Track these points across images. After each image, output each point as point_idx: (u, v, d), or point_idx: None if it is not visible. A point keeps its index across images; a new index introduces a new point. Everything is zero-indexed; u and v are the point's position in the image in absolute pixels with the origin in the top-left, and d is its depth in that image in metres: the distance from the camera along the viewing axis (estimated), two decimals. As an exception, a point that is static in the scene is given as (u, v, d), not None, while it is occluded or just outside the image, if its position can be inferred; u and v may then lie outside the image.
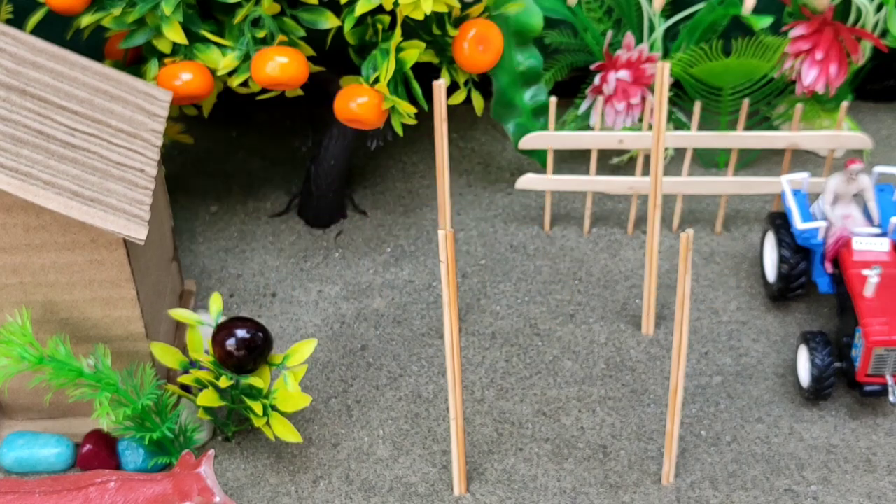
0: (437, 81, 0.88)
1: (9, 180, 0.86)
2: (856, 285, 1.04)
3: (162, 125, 0.99)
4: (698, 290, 1.20)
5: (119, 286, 0.95)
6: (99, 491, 0.91)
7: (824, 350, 1.04)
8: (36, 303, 0.96)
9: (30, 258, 0.93)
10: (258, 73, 1.06)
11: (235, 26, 1.09)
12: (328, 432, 1.06)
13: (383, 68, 1.08)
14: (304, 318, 1.17)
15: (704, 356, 1.13)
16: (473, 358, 1.13)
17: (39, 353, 0.92)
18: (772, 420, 1.07)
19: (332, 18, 1.09)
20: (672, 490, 1.00)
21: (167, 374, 1.06)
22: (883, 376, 1.02)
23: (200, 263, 1.23)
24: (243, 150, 1.38)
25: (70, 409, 1.03)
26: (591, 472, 1.02)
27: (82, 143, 0.92)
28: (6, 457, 1.01)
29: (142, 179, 0.94)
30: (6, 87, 0.91)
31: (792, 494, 1.00)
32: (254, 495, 1.00)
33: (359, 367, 1.12)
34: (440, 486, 1.01)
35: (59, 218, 0.90)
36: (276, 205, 1.31)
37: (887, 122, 1.42)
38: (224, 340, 0.98)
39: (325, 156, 1.23)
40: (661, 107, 0.99)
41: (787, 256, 1.13)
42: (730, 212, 1.29)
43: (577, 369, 1.12)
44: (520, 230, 1.27)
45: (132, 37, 1.09)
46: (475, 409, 1.08)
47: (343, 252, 1.25)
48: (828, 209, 1.10)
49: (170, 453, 1.00)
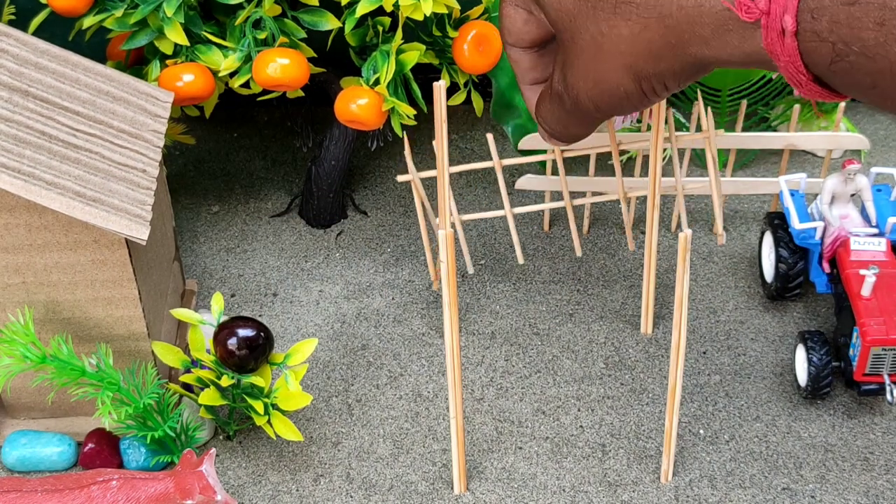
0: (438, 83, 0.89)
1: (12, 181, 0.87)
2: (853, 285, 1.05)
3: (164, 126, 0.99)
4: (696, 290, 1.20)
5: (121, 286, 0.96)
6: (101, 489, 0.91)
7: (822, 349, 1.05)
8: (38, 302, 0.96)
9: (32, 258, 0.93)
10: (259, 75, 1.07)
11: (237, 28, 1.10)
12: (329, 431, 1.06)
13: (383, 70, 1.08)
14: (304, 317, 1.18)
15: (703, 355, 1.13)
16: (473, 357, 1.13)
17: (42, 352, 0.92)
18: (770, 419, 1.07)
19: (333, 20, 1.10)
20: (671, 488, 1.01)
21: (169, 373, 1.07)
22: (880, 375, 1.02)
23: (202, 263, 1.24)
24: (244, 151, 1.39)
25: (72, 408, 1.03)
26: (590, 470, 1.03)
27: (84, 143, 0.93)
28: (9, 455, 1.02)
29: (144, 180, 0.94)
30: (9, 88, 0.91)
31: (790, 493, 1.01)
32: (255, 493, 1.01)
33: (359, 366, 1.13)
34: (440, 485, 1.02)
35: (62, 218, 0.91)
36: (278, 205, 1.31)
37: (884, 123, 1.42)
38: (226, 340, 0.98)
39: (326, 156, 1.23)
40: (659, 108, 0.99)
41: (785, 256, 1.13)
42: (728, 212, 1.30)
43: (576, 368, 1.12)
44: (519, 230, 1.27)
45: (134, 38, 1.10)
46: (475, 408, 1.08)
47: (344, 252, 1.26)
48: (825, 209, 1.11)
49: (171, 452, 1.01)
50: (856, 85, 0.66)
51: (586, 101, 0.80)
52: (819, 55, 0.66)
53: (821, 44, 0.65)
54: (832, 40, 0.64)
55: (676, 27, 0.72)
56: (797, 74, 0.68)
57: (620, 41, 0.75)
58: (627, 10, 0.74)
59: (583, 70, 0.79)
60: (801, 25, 0.65)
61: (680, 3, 0.71)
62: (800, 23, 0.65)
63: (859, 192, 1.12)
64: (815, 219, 1.13)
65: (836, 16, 0.64)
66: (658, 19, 0.73)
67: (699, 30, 0.71)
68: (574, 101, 0.81)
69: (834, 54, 0.65)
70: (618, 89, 0.78)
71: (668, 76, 0.76)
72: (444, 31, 1.14)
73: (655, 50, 0.74)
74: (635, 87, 0.77)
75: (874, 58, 0.63)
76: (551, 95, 0.84)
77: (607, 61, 0.77)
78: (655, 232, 1.08)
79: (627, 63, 0.76)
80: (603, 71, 0.78)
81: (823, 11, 0.64)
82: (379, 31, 1.11)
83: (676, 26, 0.72)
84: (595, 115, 0.83)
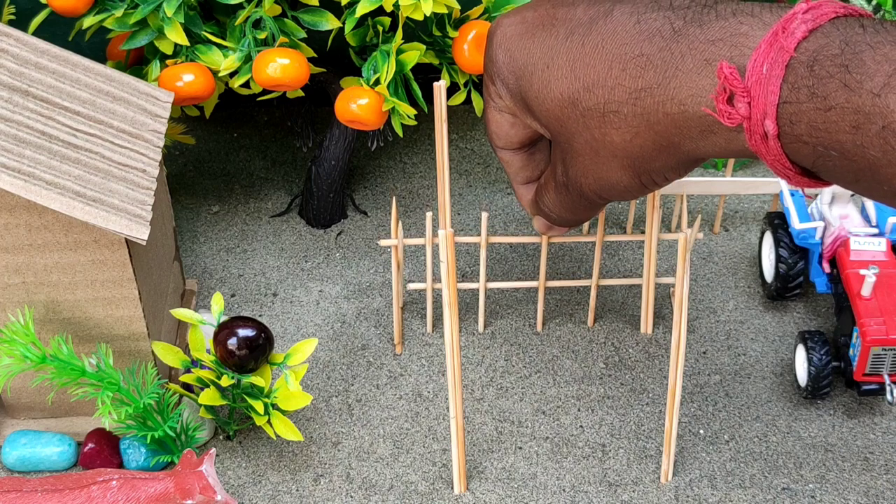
0: (438, 83, 0.89)
1: (12, 181, 0.87)
2: (853, 285, 1.05)
3: (164, 126, 0.99)
4: (696, 290, 1.20)
5: (121, 286, 0.96)
6: (101, 489, 0.91)
7: (822, 349, 1.05)
8: (39, 302, 0.96)
9: (32, 258, 0.93)
10: (259, 75, 1.07)
11: (237, 28, 1.10)
12: (329, 431, 1.06)
13: (384, 70, 1.08)
14: (304, 317, 1.18)
15: (703, 355, 1.13)
16: (473, 357, 1.13)
17: (42, 352, 0.92)
18: (770, 419, 1.07)
19: (333, 20, 1.10)
20: (671, 488, 1.01)
21: (169, 373, 1.07)
22: (880, 375, 1.02)
23: (202, 263, 1.24)
24: (244, 151, 1.39)
25: (72, 408, 1.03)
26: (590, 470, 1.03)
27: (84, 143, 0.93)
28: (9, 455, 1.02)
29: (144, 180, 0.94)
30: (9, 88, 0.91)
31: (790, 493, 1.01)
32: (255, 493, 1.01)
33: (359, 366, 1.13)
34: (440, 485, 1.02)
35: (62, 218, 0.91)
36: (278, 205, 1.31)
37: (885, 123, 1.42)
38: (226, 339, 0.98)
39: (326, 156, 1.23)
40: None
41: (785, 256, 1.13)
42: (728, 212, 1.30)
43: (576, 368, 1.12)
44: (519, 230, 1.28)
45: (134, 38, 1.10)
46: (475, 408, 1.08)
47: (344, 252, 1.26)
48: (825, 209, 1.11)
49: (172, 452, 1.01)
50: (840, 180, 0.68)
51: (590, 193, 0.83)
52: (802, 155, 0.68)
53: (802, 146, 0.67)
54: (812, 143, 0.66)
55: (665, 132, 0.74)
56: (785, 171, 0.70)
57: (614, 147, 0.77)
58: (616, 120, 0.76)
59: (582, 169, 0.81)
60: (781, 129, 0.67)
61: (665, 111, 0.73)
62: (780, 126, 0.67)
63: (859, 192, 1.12)
64: (815, 219, 1.13)
65: (813, 121, 0.65)
66: (647, 126, 0.74)
67: (687, 133, 0.73)
68: (578, 192, 0.84)
69: (815, 155, 0.67)
70: (619, 185, 0.81)
71: (665, 171, 0.78)
72: (445, 31, 1.14)
73: (649, 152, 0.76)
74: (636, 182, 0.80)
75: (853, 159, 0.65)
76: (556, 187, 0.86)
77: (604, 163, 0.79)
78: (656, 232, 1.08)
79: (625, 164, 0.78)
80: (602, 170, 0.80)
81: (801, 116, 0.65)
82: (379, 31, 1.11)
83: (664, 132, 0.74)
84: (600, 203, 0.86)
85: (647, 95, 0.73)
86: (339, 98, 1.10)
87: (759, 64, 0.67)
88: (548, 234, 0.95)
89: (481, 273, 1.11)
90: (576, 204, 0.86)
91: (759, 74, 0.67)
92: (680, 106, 0.72)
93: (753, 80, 0.67)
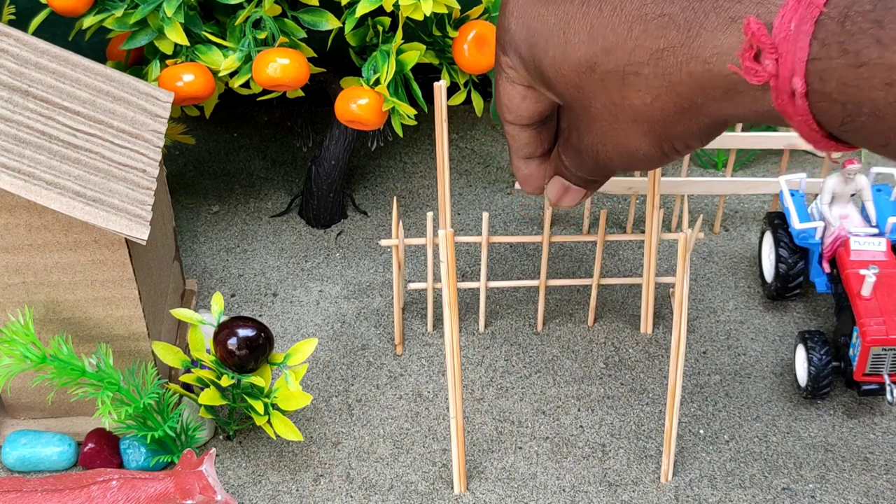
0: (438, 83, 0.89)
1: (12, 181, 0.87)
2: (853, 285, 1.05)
3: (164, 126, 0.99)
4: (696, 290, 1.20)
5: (121, 286, 0.96)
6: (101, 489, 0.91)
7: (822, 349, 1.05)
8: (39, 302, 0.96)
9: (33, 258, 0.93)
10: (259, 75, 1.07)
11: (237, 28, 1.10)
12: (329, 431, 1.06)
13: (384, 70, 1.08)
14: (304, 317, 1.18)
15: (703, 355, 1.13)
16: (473, 357, 1.13)
17: (42, 352, 0.92)
18: (770, 419, 1.07)
19: (333, 20, 1.10)
20: (671, 488, 1.01)
21: (169, 373, 1.07)
22: (880, 375, 1.02)
23: (202, 263, 1.24)
24: (244, 151, 1.39)
25: (72, 408, 1.03)
26: (590, 470, 1.03)
27: (84, 143, 0.93)
28: (9, 455, 1.02)
29: (144, 180, 0.94)
30: (9, 88, 0.91)
31: (790, 493, 1.01)
32: (255, 493, 1.01)
33: (359, 366, 1.13)
34: (440, 485, 1.02)
35: (62, 218, 0.91)
36: (278, 205, 1.31)
37: (885, 123, 1.42)
38: (226, 339, 0.98)
39: (326, 156, 1.23)
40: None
41: (785, 256, 1.13)
42: (728, 212, 1.30)
43: (576, 368, 1.12)
44: (519, 230, 1.28)
45: (134, 38, 1.10)
46: (475, 408, 1.08)
47: (344, 252, 1.26)
48: (825, 209, 1.11)
49: (172, 452, 1.01)
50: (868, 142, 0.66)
51: (607, 160, 0.81)
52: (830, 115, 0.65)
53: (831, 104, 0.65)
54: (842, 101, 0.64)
55: (688, 93, 0.72)
56: (811, 132, 0.68)
57: (634, 110, 0.75)
58: (636, 82, 0.74)
59: (600, 136, 0.79)
60: (810, 86, 0.65)
61: (688, 70, 0.71)
62: (809, 84, 0.65)
63: (859, 192, 1.12)
64: (815, 219, 1.13)
65: (844, 77, 0.63)
66: (668, 87, 0.72)
67: (710, 93, 0.71)
68: (594, 160, 0.82)
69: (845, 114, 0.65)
70: (637, 152, 0.78)
71: (687, 137, 0.76)
72: (444, 31, 1.14)
73: (670, 116, 0.74)
74: (656, 150, 0.77)
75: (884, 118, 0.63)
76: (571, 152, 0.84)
77: (624, 129, 0.77)
78: (656, 232, 1.08)
79: (644, 130, 0.76)
80: (621, 137, 0.78)
81: (832, 73, 0.64)
82: (379, 31, 1.11)
83: (687, 93, 0.72)
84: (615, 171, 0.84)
85: (670, 55, 0.72)
86: (339, 98, 1.10)
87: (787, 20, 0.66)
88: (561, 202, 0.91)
89: (482, 273, 1.11)
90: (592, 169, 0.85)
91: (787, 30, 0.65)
92: (704, 65, 0.70)
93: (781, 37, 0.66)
